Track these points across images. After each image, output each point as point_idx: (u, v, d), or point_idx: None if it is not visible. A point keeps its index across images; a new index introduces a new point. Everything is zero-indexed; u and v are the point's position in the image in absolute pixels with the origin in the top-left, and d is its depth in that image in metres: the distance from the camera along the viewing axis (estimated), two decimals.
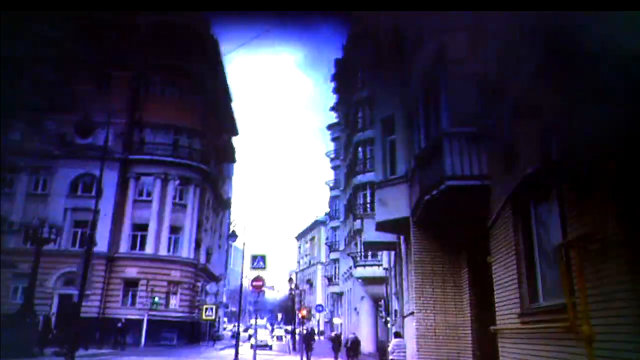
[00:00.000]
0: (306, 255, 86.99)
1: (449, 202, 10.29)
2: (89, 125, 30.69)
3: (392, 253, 22.81)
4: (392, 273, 23.08)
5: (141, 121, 35.94)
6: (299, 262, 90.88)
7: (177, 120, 36.36)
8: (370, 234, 20.23)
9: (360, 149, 38.72)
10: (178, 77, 37.26)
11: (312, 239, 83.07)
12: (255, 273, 22.02)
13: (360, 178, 36.98)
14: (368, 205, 34.00)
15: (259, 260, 21.38)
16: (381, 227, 15.84)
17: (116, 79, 35.78)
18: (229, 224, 49.57)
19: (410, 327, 14.29)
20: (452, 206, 10.60)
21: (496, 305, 8.36)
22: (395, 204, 14.62)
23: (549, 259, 6.24)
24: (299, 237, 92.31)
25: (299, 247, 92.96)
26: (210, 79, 40.26)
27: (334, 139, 56.29)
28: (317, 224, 78.64)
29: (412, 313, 13.73)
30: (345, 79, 42.65)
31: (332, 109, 54.48)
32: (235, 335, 20.89)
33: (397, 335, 13.99)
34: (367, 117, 37.29)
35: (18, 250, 27.87)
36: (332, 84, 51.00)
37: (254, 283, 21.55)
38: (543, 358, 6.07)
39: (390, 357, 13.36)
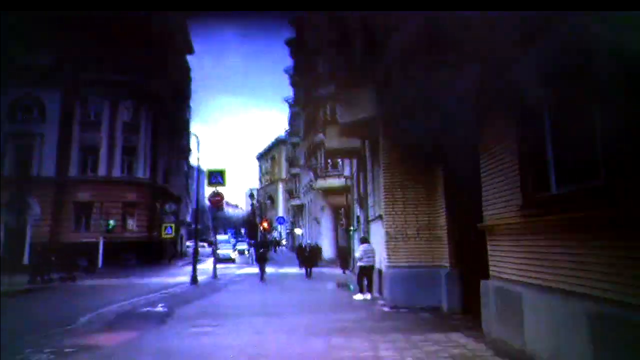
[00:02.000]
0: (267, 174, 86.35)
1: None
2: None
3: (355, 161, 21.95)
4: (354, 180, 22.34)
5: (87, 36, 32.32)
6: (260, 181, 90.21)
7: (126, 36, 32.50)
8: (333, 141, 19.35)
9: (320, 59, 36.86)
10: None
11: (273, 157, 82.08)
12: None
13: (322, 91, 35.51)
14: (329, 120, 32.71)
15: (216, 176, 20.16)
16: (346, 130, 14.74)
17: None
18: (187, 144, 47.55)
19: (378, 231, 13.53)
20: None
21: (485, 199, 7.30)
22: (362, 103, 13.38)
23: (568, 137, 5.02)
24: (260, 157, 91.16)
25: (260, 167, 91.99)
26: None
27: (291, 54, 53.45)
28: (277, 143, 77.40)
29: (380, 217, 12.89)
30: None
31: (289, 22, 50.99)
32: (193, 253, 19.91)
33: (364, 240, 13.15)
34: None
35: None
36: None
37: (212, 199, 20.36)
38: (556, 255, 5.00)
39: (358, 263, 12.57)
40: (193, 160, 48.56)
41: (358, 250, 12.98)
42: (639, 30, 3.46)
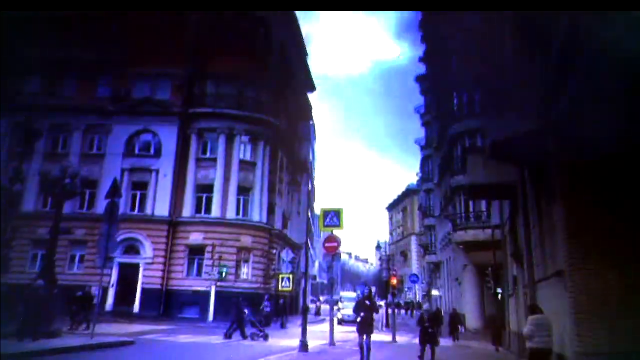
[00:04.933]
0: (399, 227, 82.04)
1: None
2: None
3: (506, 203, 17.44)
4: (506, 230, 17.69)
5: (203, 70, 32.24)
6: (391, 234, 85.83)
7: (243, 69, 31.84)
8: (478, 173, 15.17)
9: (455, 93, 33.29)
10: (245, 23, 33.05)
11: (404, 209, 78.02)
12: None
13: (457, 127, 31.58)
14: (468, 149, 28.50)
15: (332, 216, 16.75)
16: (499, 149, 10.68)
17: (176, 26, 31.85)
18: (310, 188, 45.33)
19: (552, 298, 9.24)
20: None
21: None
22: (521, 113, 9.62)
23: None
24: (390, 208, 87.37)
25: (391, 219, 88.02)
26: (281, 27, 35.82)
27: (423, 92, 50.36)
28: (408, 192, 73.51)
29: (558, 273, 8.66)
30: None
31: (421, 59, 48.51)
32: (303, 310, 16.65)
33: (534, 309, 8.88)
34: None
35: (74, 216, 26.52)
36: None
37: (327, 244, 17.02)
38: None
39: (529, 344, 8.33)
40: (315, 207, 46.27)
41: (527, 324, 8.68)
42: None
